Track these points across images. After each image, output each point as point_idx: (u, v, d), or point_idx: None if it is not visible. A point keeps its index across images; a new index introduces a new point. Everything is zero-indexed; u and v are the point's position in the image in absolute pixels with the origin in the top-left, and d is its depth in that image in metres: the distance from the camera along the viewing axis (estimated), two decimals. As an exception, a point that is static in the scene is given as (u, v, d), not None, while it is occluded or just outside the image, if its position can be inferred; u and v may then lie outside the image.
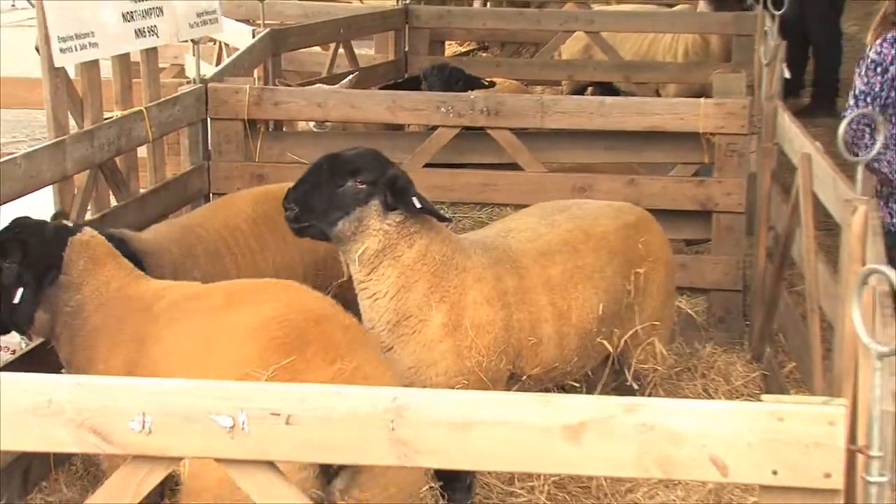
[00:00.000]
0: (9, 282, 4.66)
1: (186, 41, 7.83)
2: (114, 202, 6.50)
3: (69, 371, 4.67)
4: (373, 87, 9.36)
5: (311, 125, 8.04)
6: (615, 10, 12.20)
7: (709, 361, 6.78)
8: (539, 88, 11.96)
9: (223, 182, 7.21)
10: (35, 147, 5.69)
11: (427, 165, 7.26)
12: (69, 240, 4.70)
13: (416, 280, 4.96)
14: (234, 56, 8.23)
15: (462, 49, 14.78)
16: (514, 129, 7.20)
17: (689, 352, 6.90)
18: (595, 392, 5.69)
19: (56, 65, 5.90)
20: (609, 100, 7.42)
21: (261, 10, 9.19)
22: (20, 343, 6.08)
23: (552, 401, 2.73)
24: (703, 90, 9.14)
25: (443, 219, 5.06)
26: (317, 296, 4.52)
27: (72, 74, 6.34)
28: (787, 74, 7.41)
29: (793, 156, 6.15)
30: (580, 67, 11.66)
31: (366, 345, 4.34)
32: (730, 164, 6.98)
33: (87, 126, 6.16)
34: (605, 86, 11.50)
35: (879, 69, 6.16)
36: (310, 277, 5.76)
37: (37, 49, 6.19)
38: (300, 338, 4.07)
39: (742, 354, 6.89)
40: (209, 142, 7.26)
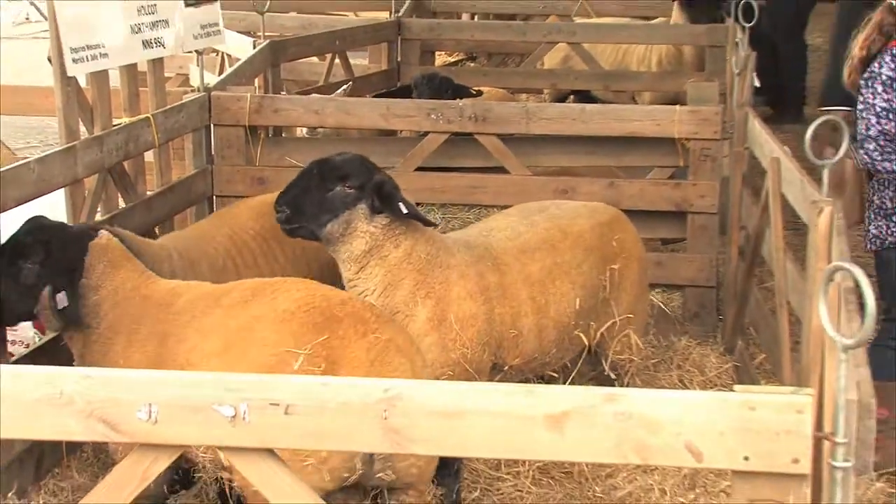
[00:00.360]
0: (28, 282, 4.61)
1: (191, 52, 7.82)
2: (122, 204, 6.48)
3: (81, 366, 4.64)
4: (367, 96, 9.34)
5: (304, 131, 8.04)
6: (596, 23, 12.17)
7: (684, 354, 6.80)
8: (524, 96, 11.96)
9: (225, 185, 7.21)
10: (48, 152, 5.68)
11: (418, 169, 7.26)
12: (90, 245, 4.65)
13: (403, 278, 4.96)
14: (236, 66, 8.21)
15: (451, 59, 14.76)
16: (501, 135, 7.20)
17: (666, 344, 6.91)
18: (569, 381, 5.69)
19: (68, 74, 5.89)
20: (590, 107, 7.41)
21: (261, 23, 9.16)
22: (33, 337, 6.07)
23: (536, 391, 2.72)
24: (676, 98, 9.14)
25: (428, 223, 5.06)
26: (331, 287, 4.52)
27: (82, 83, 6.33)
28: (758, 83, 7.41)
29: (763, 160, 6.15)
30: (562, 76, 11.65)
31: (392, 321, 4.40)
32: (703, 168, 6.98)
33: (97, 132, 6.14)
34: (585, 94, 11.50)
35: None
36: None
37: (49, 60, 6.18)
38: (331, 317, 4.10)
39: (715, 347, 6.89)
40: (212, 147, 7.25)
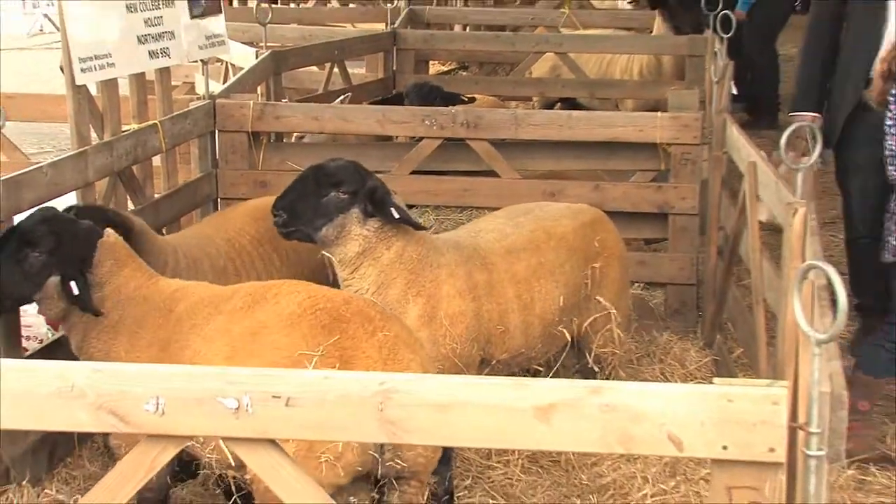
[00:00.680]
0: (32, 270, 4.53)
1: (196, 61, 7.81)
2: (131, 206, 6.47)
3: (78, 357, 4.62)
4: (364, 103, 9.34)
5: (294, 136, 8.05)
6: (581, 34, 12.18)
7: (666, 348, 6.80)
8: (513, 103, 11.94)
9: (229, 188, 7.20)
10: (60, 157, 5.67)
11: (413, 173, 7.27)
12: (98, 242, 4.60)
13: (395, 277, 4.96)
14: (240, 75, 8.20)
15: (444, 68, 14.77)
16: (491, 140, 7.20)
17: (648, 339, 6.91)
18: (552, 374, 5.69)
19: (78, 83, 5.88)
20: (576, 114, 7.43)
21: (263, 34, 9.15)
22: (47, 333, 6.06)
23: (525, 384, 2.72)
24: (657, 105, 9.14)
25: (419, 227, 5.05)
26: (329, 287, 4.50)
27: (93, 91, 6.32)
28: (735, 91, 7.42)
29: (740, 163, 6.15)
30: (550, 85, 11.65)
31: (395, 317, 4.38)
32: (684, 171, 6.99)
33: (107, 138, 6.14)
34: (571, 101, 11.51)
35: None
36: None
37: (61, 69, 6.17)
38: (338, 318, 4.07)
39: (695, 342, 6.89)
40: (217, 152, 7.24)
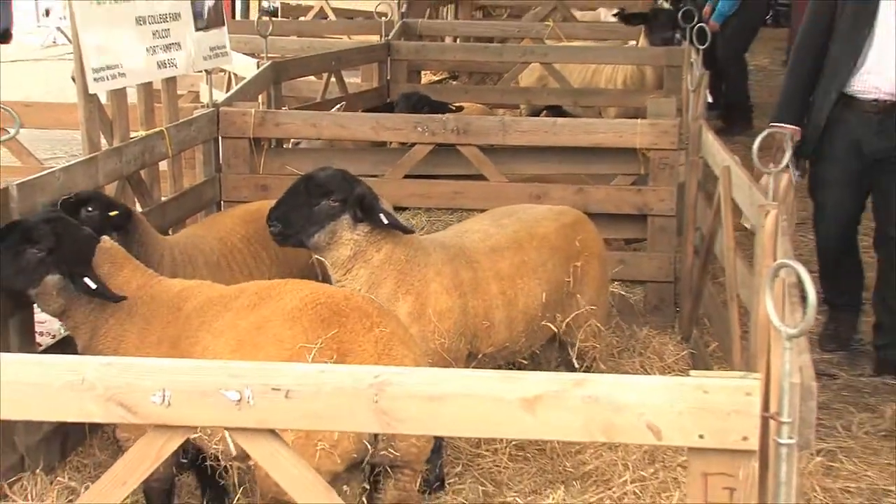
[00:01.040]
0: (29, 266, 4.48)
1: (201, 72, 7.79)
2: (139, 209, 6.46)
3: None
4: (359, 110, 9.33)
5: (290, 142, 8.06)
6: (566, 46, 12.18)
7: (645, 342, 6.80)
8: (501, 111, 11.94)
9: (232, 191, 7.19)
10: (72, 162, 5.66)
11: (406, 176, 7.26)
12: (97, 248, 4.57)
13: (385, 277, 4.97)
14: (242, 84, 8.19)
15: (436, 78, 14.74)
16: (480, 146, 7.20)
17: (629, 334, 6.91)
18: (538, 367, 5.70)
19: (90, 92, 5.87)
20: (560, 120, 7.42)
21: (264, 46, 9.14)
22: (59, 329, 6.05)
23: (512, 377, 2.72)
24: (639, 112, 9.14)
25: (406, 230, 5.05)
26: (329, 285, 4.48)
27: (103, 100, 6.31)
28: (710, 99, 7.44)
29: (715, 168, 6.16)
30: (536, 93, 11.64)
31: (392, 314, 4.36)
32: (662, 175, 6.99)
33: (117, 144, 6.12)
34: (557, 108, 11.50)
35: None
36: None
37: (73, 79, 6.15)
38: (337, 313, 4.05)
39: (673, 336, 6.90)
40: (220, 157, 7.23)
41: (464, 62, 12.94)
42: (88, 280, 4.44)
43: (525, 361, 5.77)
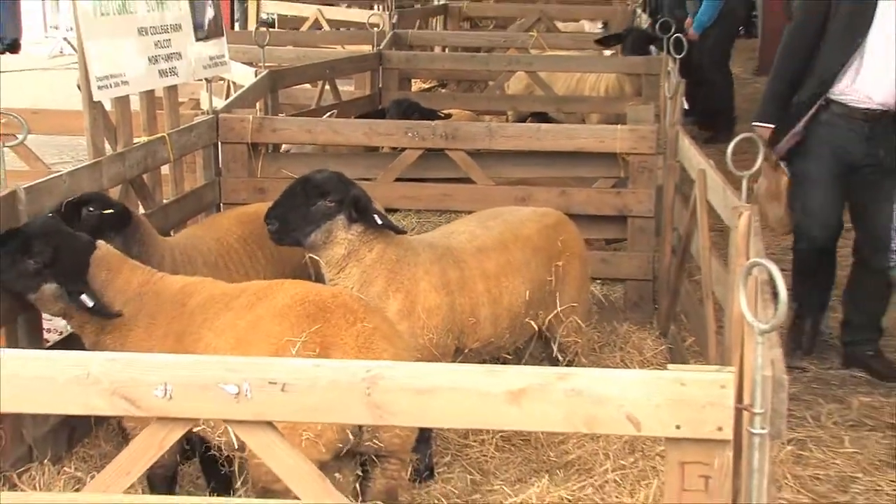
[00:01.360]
0: (27, 275, 4.45)
1: (201, 80, 7.77)
2: (142, 211, 6.44)
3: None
4: (352, 117, 9.32)
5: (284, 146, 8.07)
6: (550, 55, 12.18)
7: (625, 338, 6.80)
8: (488, 117, 11.94)
9: (231, 194, 7.16)
10: (77, 166, 5.64)
11: (397, 180, 7.26)
12: (91, 258, 4.50)
13: (376, 276, 4.96)
14: (240, 92, 8.17)
15: (425, 86, 14.70)
16: (468, 150, 7.20)
17: (609, 330, 6.91)
18: (523, 362, 5.70)
19: (94, 99, 5.86)
20: (544, 126, 7.42)
21: (262, 55, 9.12)
22: (66, 326, 6.02)
23: (498, 371, 2.73)
24: (619, 119, 9.15)
25: (398, 231, 5.05)
26: (322, 285, 4.48)
27: (107, 107, 6.29)
28: (686, 106, 7.44)
29: (691, 171, 6.17)
30: (522, 100, 11.65)
31: (378, 311, 4.36)
32: (641, 178, 6.99)
33: (120, 149, 6.11)
34: (541, 115, 11.50)
35: None
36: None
37: (78, 86, 6.13)
38: (323, 309, 4.06)
39: (652, 332, 6.90)
40: (220, 161, 7.21)
41: (452, 71, 12.93)
42: (85, 297, 4.41)
43: (510, 357, 5.77)
